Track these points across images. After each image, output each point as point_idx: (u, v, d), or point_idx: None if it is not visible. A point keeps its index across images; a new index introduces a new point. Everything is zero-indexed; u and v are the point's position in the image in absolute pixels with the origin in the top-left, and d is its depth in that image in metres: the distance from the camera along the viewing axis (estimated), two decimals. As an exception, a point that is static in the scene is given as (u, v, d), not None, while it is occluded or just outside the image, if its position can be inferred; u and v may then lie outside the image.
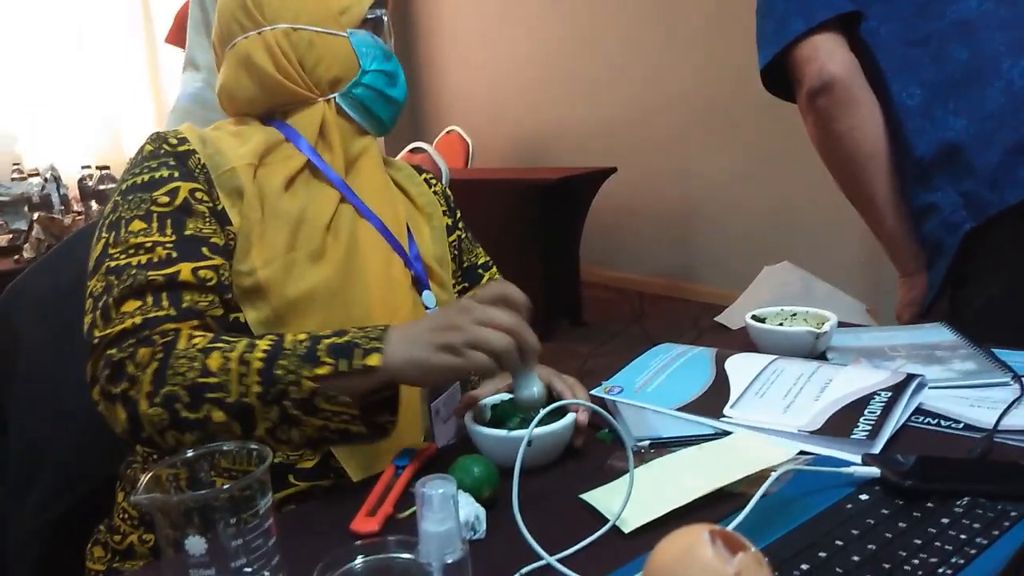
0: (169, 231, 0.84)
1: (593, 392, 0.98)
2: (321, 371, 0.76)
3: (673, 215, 4.53)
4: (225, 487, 0.59)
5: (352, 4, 0.98)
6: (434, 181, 1.16)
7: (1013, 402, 0.85)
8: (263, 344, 0.78)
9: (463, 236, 1.15)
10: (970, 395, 0.90)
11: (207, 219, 0.88)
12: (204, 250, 0.85)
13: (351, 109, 0.99)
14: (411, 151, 3.39)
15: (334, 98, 0.98)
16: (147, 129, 4.55)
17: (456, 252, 1.13)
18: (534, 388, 0.78)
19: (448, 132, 4.92)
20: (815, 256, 3.75)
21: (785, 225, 3.94)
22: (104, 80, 4.61)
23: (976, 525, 0.63)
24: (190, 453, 0.65)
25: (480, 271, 1.15)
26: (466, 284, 1.13)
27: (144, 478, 0.60)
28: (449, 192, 1.18)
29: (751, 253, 4.03)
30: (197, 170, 0.89)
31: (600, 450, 0.85)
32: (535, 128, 5.28)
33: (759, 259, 3.92)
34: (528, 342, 0.77)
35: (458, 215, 1.16)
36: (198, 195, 0.88)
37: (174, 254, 0.83)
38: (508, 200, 3.89)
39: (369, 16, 0.99)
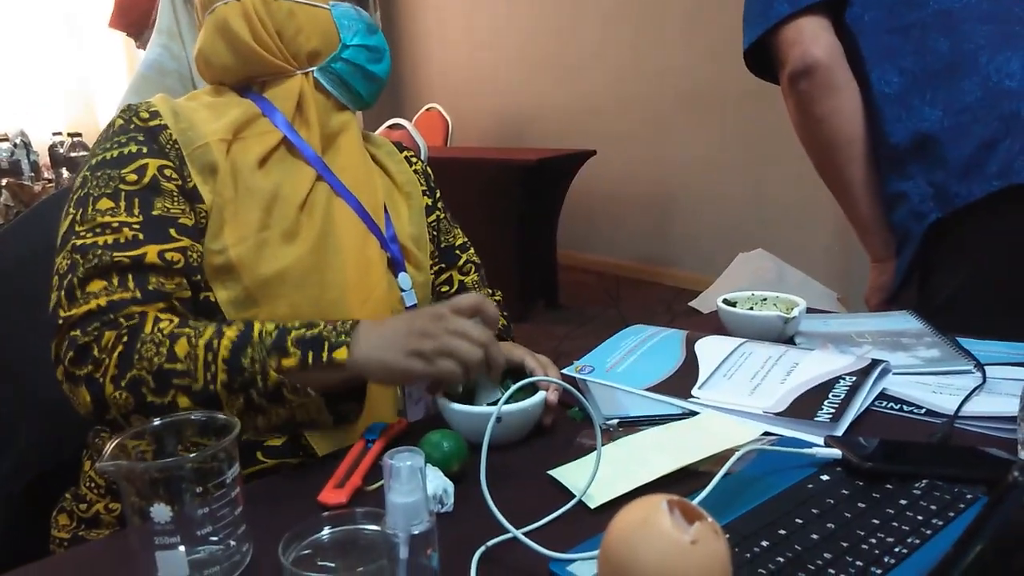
0: (136, 211, 0.83)
1: (565, 371, 0.99)
2: (288, 363, 0.76)
3: (651, 200, 4.54)
4: (191, 455, 0.59)
5: None
6: (415, 159, 1.14)
7: (974, 389, 0.87)
8: (231, 332, 0.78)
9: (442, 216, 1.15)
10: (933, 382, 0.92)
11: (175, 198, 0.86)
12: (171, 231, 0.84)
13: (330, 84, 0.98)
14: (390, 127, 3.36)
15: (312, 72, 0.97)
16: (121, 96, 4.47)
17: (435, 233, 1.12)
18: (496, 397, 0.80)
19: (428, 109, 4.89)
20: (788, 244, 3.78)
21: (760, 212, 3.97)
22: (77, 44, 4.52)
23: (933, 507, 0.64)
24: (157, 422, 0.65)
25: (457, 252, 1.15)
26: (443, 265, 1.13)
27: (109, 445, 0.60)
28: (430, 170, 1.17)
29: (726, 239, 4.06)
30: (168, 146, 0.87)
31: (569, 428, 0.86)
32: (516, 108, 5.26)
33: (734, 246, 3.95)
34: (495, 359, 0.79)
35: (438, 194, 1.16)
36: (167, 172, 0.86)
37: (141, 235, 0.82)
38: (487, 180, 3.87)
39: None
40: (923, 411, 0.85)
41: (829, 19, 1.22)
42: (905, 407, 0.87)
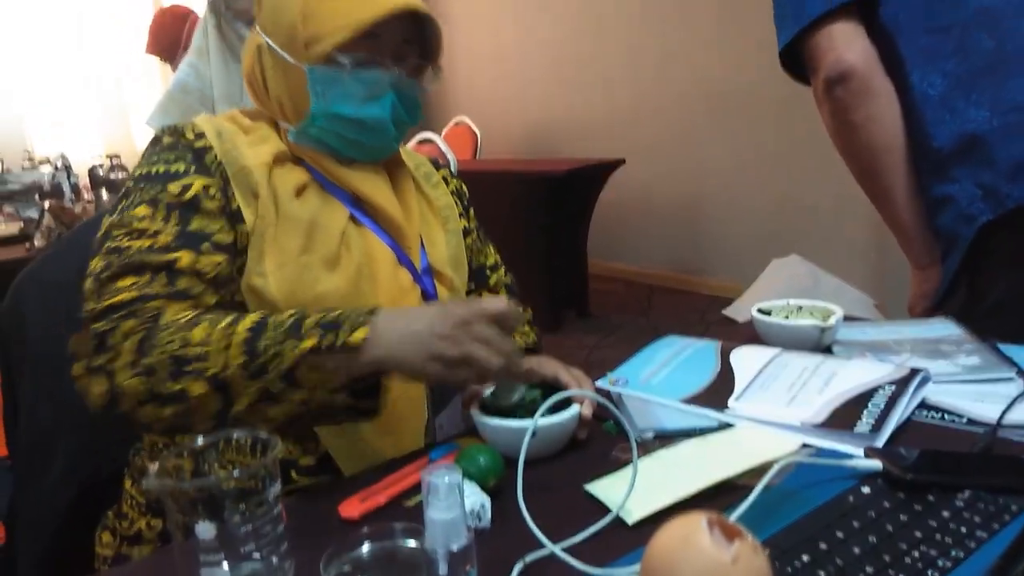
0: (173, 222, 0.84)
1: (598, 383, 0.99)
2: (305, 344, 0.75)
3: (681, 208, 4.52)
4: (235, 473, 0.60)
5: (322, 37, 0.88)
6: (450, 178, 1.14)
7: (1017, 397, 0.85)
8: (251, 318, 0.78)
9: (475, 237, 1.14)
10: (974, 390, 0.90)
11: (216, 216, 0.87)
12: (205, 246, 0.85)
13: (313, 143, 0.94)
14: (420, 142, 3.40)
15: (288, 130, 0.94)
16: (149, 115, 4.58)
17: (469, 254, 1.11)
18: (514, 395, 0.81)
19: (457, 123, 4.92)
20: (823, 250, 3.74)
21: (793, 219, 3.92)
22: (115, 69, 4.63)
23: (977, 519, 0.63)
24: (200, 441, 0.66)
25: (488, 272, 1.15)
26: (473, 285, 1.12)
27: (154, 465, 0.61)
28: (465, 188, 1.17)
29: (759, 246, 4.02)
30: (213, 166, 0.88)
31: (605, 441, 0.86)
32: (544, 119, 5.27)
33: (767, 252, 3.91)
34: (517, 368, 0.79)
35: (471, 213, 1.16)
36: (211, 191, 0.87)
37: (176, 243, 0.83)
38: (516, 191, 3.88)
39: (347, 60, 0.89)
40: (965, 420, 0.84)
41: (862, 21, 1.19)
42: (946, 416, 0.86)
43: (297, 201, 0.90)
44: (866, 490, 0.69)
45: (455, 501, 0.55)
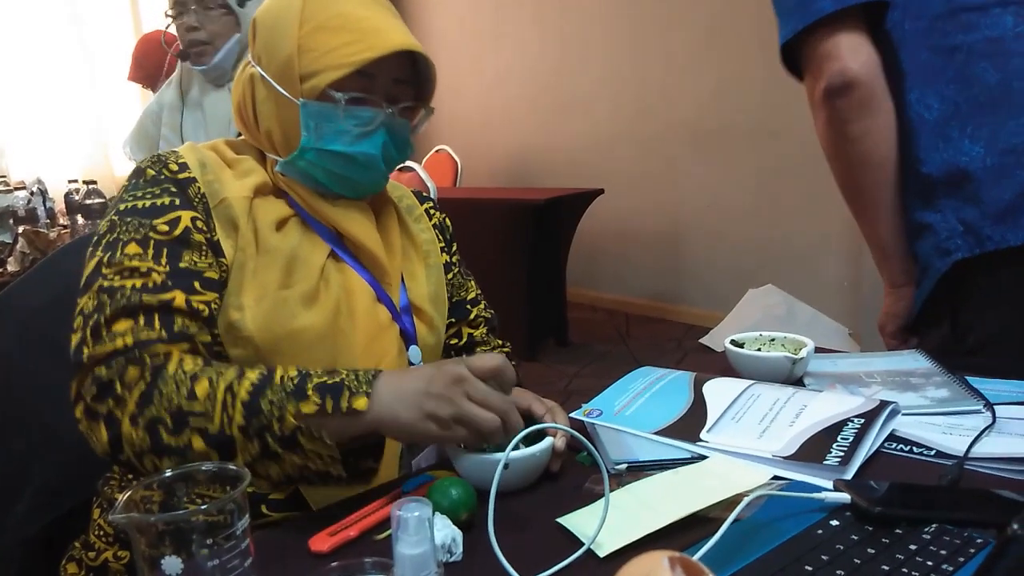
0: (164, 261, 0.84)
1: (573, 415, 0.99)
2: (307, 408, 0.76)
3: (659, 237, 4.56)
4: (203, 507, 0.60)
5: (316, 72, 0.89)
6: (434, 211, 1.15)
7: (984, 430, 0.87)
8: (252, 375, 0.78)
9: (456, 271, 1.15)
10: (943, 422, 0.92)
11: (204, 251, 0.87)
12: (197, 284, 0.85)
13: (299, 177, 0.94)
14: (400, 169, 3.40)
15: (275, 162, 0.94)
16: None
17: (449, 290, 1.12)
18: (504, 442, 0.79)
19: (437, 151, 4.95)
20: (798, 280, 3.78)
21: (770, 249, 3.97)
22: (93, 93, 4.61)
23: (943, 552, 0.64)
24: (168, 473, 0.66)
25: (468, 306, 1.15)
26: (453, 319, 1.13)
27: (122, 497, 0.61)
28: (448, 222, 1.17)
29: (736, 276, 4.06)
30: (196, 199, 0.88)
31: (578, 473, 0.86)
32: (524, 148, 5.31)
33: (744, 282, 3.95)
34: (513, 425, 0.77)
35: (454, 248, 1.16)
36: (198, 224, 0.87)
37: (169, 282, 0.83)
38: (496, 220, 3.90)
39: (341, 97, 0.89)
40: (933, 452, 0.85)
41: (868, 28, 1.14)
42: (915, 449, 0.87)
43: (278, 234, 0.90)
44: (835, 523, 0.69)
45: (425, 536, 0.55)
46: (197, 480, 0.67)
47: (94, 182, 3.03)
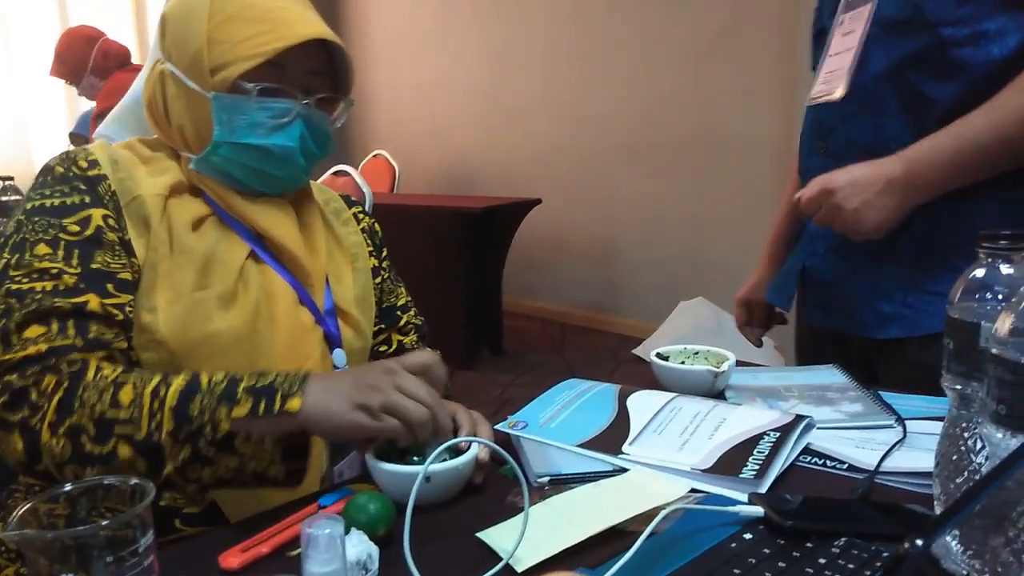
0: (75, 262, 0.81)
1: (498, 427, 0.99)
2: (238, 412, 0.74)
3: (595, 249, 4.60)
4: (103, 523, 0.57)
5: (226, 64, 0.87)
6: (363, 216, 1.13)
7: (895, 444, 0.89)
8: (178, 380, 0.76)
9: (386, 277, 1.13)
10: (856, 436, 0.94)
11: (116, 251, 0.84)
12: (110, 286, 0.82)
13: (215, 174, 0.92)
14: (334, 174, 3.36)
15: (189, 159, 0.91)
16: (60, 136, 4.40)
17: (378, 294, 1.11)
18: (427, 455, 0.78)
19: (375, 156, 4.91)
20: (729, 292, 3.84)
21: (701, 261, 4.05)
22: (13, 82, 4.43)
23: (851, 565, 0.65)
24: (69, 487, 0.63)
25: (399, 312, 1.14)
26: (383, 325, 1.11)
27: (18, 511, 0.58)
28: (377, 227, 1.16)
29: (669, 288, 4.12)
30: (107, 196, 0.86)
31: (502, 486, 0.86)
32: (463, 156, 5.31)
33: (676, 294, 4.01)
34: (442, 422, 0.78)
35: (384, 253, 1.15)
36: (110, 222, 0.85)
37: (81, 284, 0.80)
38: (433, 227, 3.89)
39: (252, 88, 0.88)
40: (846, 466, 0.87)
41: None
42: (828, 462, 0.89)
43: (194, 234, 0.88)
44: (748, 536, 0.70)
45: (336, 554, 0.54)
46: (103, 493, 0.64)
47: (11, 178, 2.91)
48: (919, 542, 0.35)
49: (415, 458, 0.82)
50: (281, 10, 0.88)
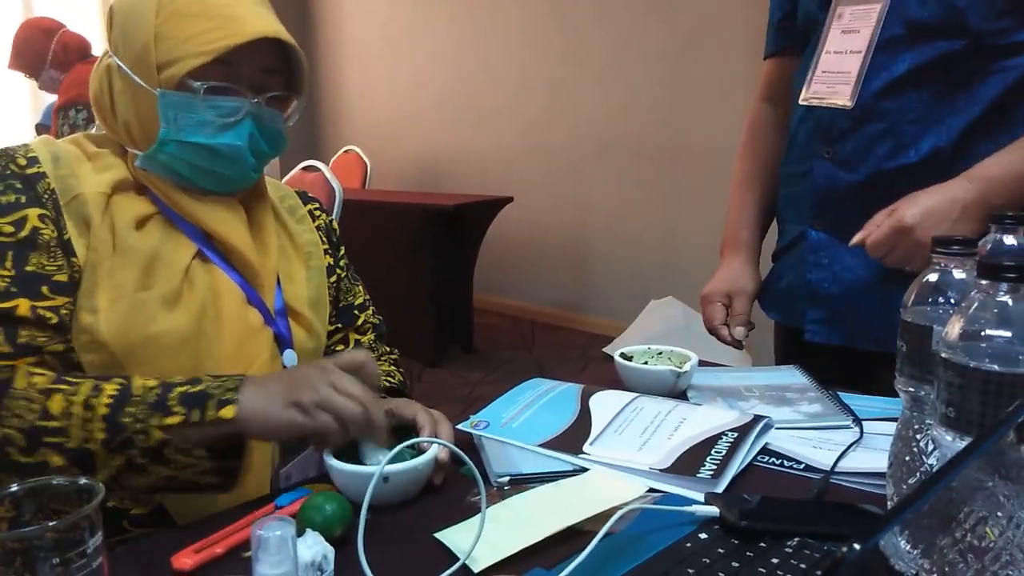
0: (9, 264, 0.79)
1: (460, 426, 0.99)
2: (171, 420, 0.74)
3: (566, 247, 4.61)
4: (51, 524, 0.56)
5: (173, 61, 0.85)
6: (319, 213, 1.11)
7: (851, 445, 0.90)
8: (110, 388, 0.75)
9: (343, 275, 1.12)
10: (814, 436, 0.95)
11: (52, 251, 0.82)
12: (44, 289, 0.80)
13: (162, 171, 0.90)
14: (304, 169, 3.33)
15: (135, 155, 0.89)
16: (26, 128, 4.32)
17: (334, 293, 1.09)
18: (380, 459, 0.78)
19: (346, 151, 4.88)
20: (698, 292, 3.88)
21: (672, 261, 4.07)
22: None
23: (803, 565, 0.66)
24: (15, 487, 0.62)
25: (356, 312, 1.13)
26: (340, 324, 1.10)
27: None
28: (335, 225, 1.14)
29: (640, 287, 4.14)
30: (46, 195, 0.84)
31: (462, 486, 0.85)
32: (435, 153, 5.29)
33: (647, 293, 4.03)
34: (376, 418, 0.78)
35: (341, 251, 1.13)
36: (47, 222, 0.82)
37: (13, 288, 0.78)
38: (404, 224, 3.87)
39: (200, 85, 0.86)
40: (803, 466, 0.88)
41: None
42: (786, 462, 0.90)
43: (137, 233, 0.86)
44: (703, 536, 0.71)
45: (287, 556, 0.54)
46: (49, 494, 0.63)
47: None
48: (856, 546, 0.36)
49: (374, 457, 0.82)
50: (231, 6, 0.86)
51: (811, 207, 1.20)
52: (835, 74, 1.15)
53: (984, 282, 0.60)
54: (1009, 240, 0.86)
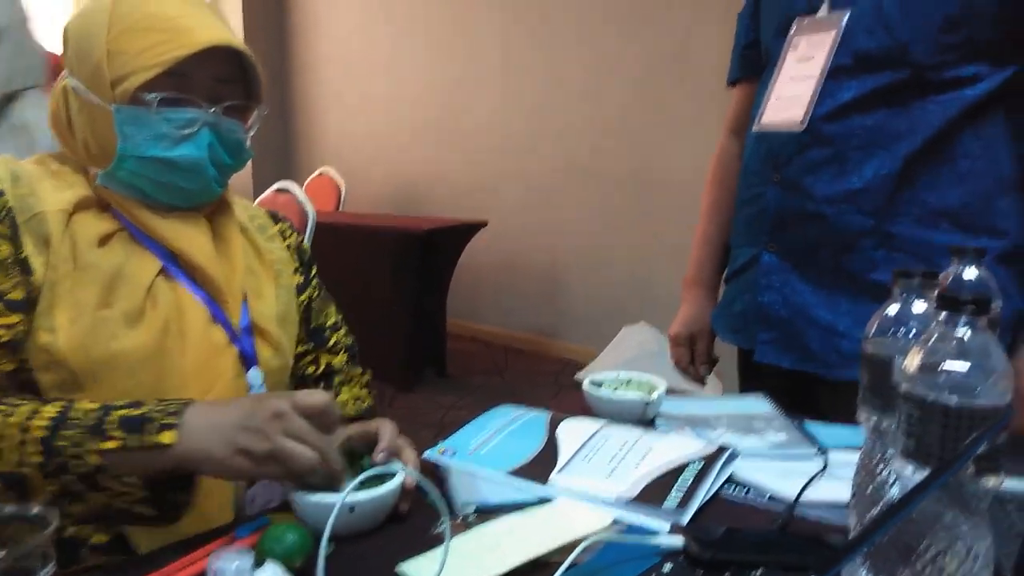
0: None
1: (426, 454, 0.98)
2: (108, 445, 0.72)
3: (539, 273, 4.62)
4: (0, 553, 0.55)
5: (126, 76, 0.85)
6: (290, 232, 1.11)
7: (814, 476, 0.91)
8: (49, 410, 0.73)
9: (315, 295, 1.11)
10: (780, 467, 0.96)
11: (8, 269, 0.81)
12: None
13: (123, 188, 0.89)
14: (276, 191, 3.32)
15: (96, 173, 0.89)
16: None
17: (305, 313, 1.09)
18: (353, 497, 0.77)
19: (320, 173, 4.87)
20: (670, 318, 3.90)
21: (644, 287, 4.09)
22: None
23: (766, 597, 0.66)
24: (-36, 518, 0.60)
25: (328, 333, 1.12)
26: (311, 344, 1.10)
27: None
28: (306, 246, 1.14)
29: (613, 313, 4.16)
30: (3, 212, 0.83)
31: (428, 515, 0.84)
32: (409, 176, 5.30)
33: (620, 319, 4.05)
34: (334, 467, 0.76)
35: (313, 271, 1.12)
36: (2, 241, 0.82)
37: None
38: (377, 247, 3.86)
39: (153, 98, 0.86)
40: (767, 497, 0.89)
41: None
42: (751, 492, 0.90)
43: (99, 250, 0.85)
44: (668, 567, 0.71)
45: (242, 587, 0.53)
46: (2, 523, 0.62)
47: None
48: (812, 581, 0.36)
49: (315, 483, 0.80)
50: (181, 18, 0.86)
51: (766, 231, 1.23)
52: (788, 99, 1.19)
53: (943, 315, 0.60)
54: (969, 273, 0.88)
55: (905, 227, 1.12)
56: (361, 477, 0.72)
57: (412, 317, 3.84)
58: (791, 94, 1.18)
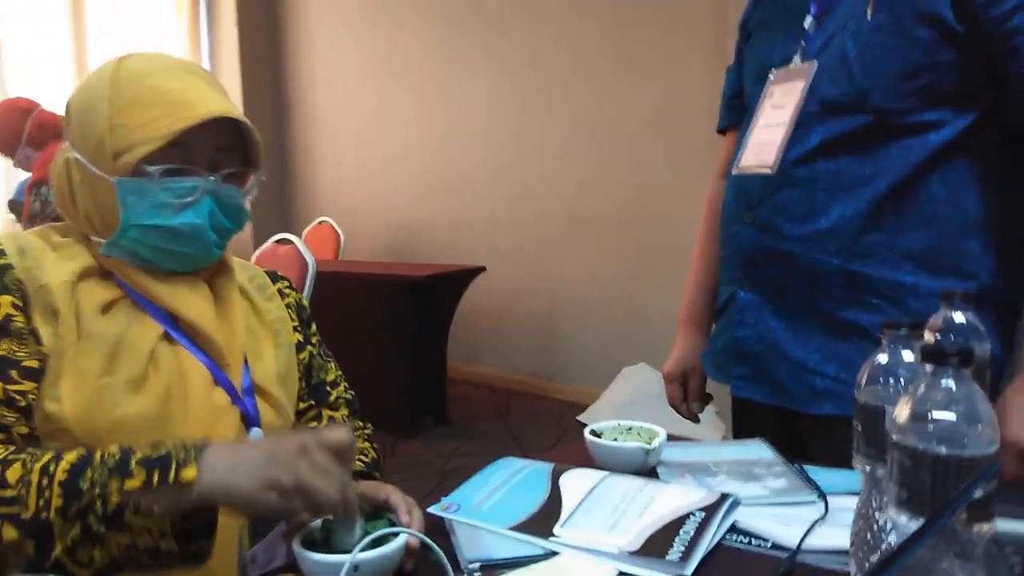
0: None
1: (430, 509, 0.99)
2: (131, 484, 0.73)
3: (539, 316, 4.64)
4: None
5: (128, 148, 0.87)
6: (288, 291, 1.13)
7: (816, 522, 0.91)
8: (70, 456, 0.75)
9: (315, 352, 1.13)
10: (781, 513, 0.96)
11: (23, 339, 0.83)
12: (14, 373, 0.81)
13: (125, 256, 0.92)
14: (277, 242, 3.35)
15: (99, 243, 0.91)
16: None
17: (305, 370, 1.10)
18: (355, 534, 0.79)
19: (320, 223, 4.92)
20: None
21: (641, 328, 4.11)
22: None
23: (770, 647, 0.67)
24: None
25: (328, 388, 1.13)
26: (312, 402, 1.11)
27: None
28: (305, 303, 1.16)
29: (612, 354, 4.17)
30: (13, 286, 0.85)
31: (433, 572, 0.85)
32: (408, 224, 5.35)
33: (620, 360, 4.06)
34: (351, 500, 0.78)
35: (312, 328, 1.14)
36: (18, 310, 0.84)
37: None
38: (377, 294, 3.88)
39: (155, 170, 0.88)
40: (770, 544, 0.89)
41: None
42: (754, 540, 0.90)
43: (103, 318, 0.87)
44: (673, 621, 0.71)
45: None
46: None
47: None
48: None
49: (338, 543, 0.82)
50: (182, 91, 0.89)
51: (740, 269, 1.27)
52: (762, 144, 1.24)
53: (928, 367, 0.62)
54: (959, 317, 0.90)
55: (872, 267, 1.15)
56: (370, 537, 0.73)
57: (412, 363, 3.85)
58: (765, 139, 1.23)
